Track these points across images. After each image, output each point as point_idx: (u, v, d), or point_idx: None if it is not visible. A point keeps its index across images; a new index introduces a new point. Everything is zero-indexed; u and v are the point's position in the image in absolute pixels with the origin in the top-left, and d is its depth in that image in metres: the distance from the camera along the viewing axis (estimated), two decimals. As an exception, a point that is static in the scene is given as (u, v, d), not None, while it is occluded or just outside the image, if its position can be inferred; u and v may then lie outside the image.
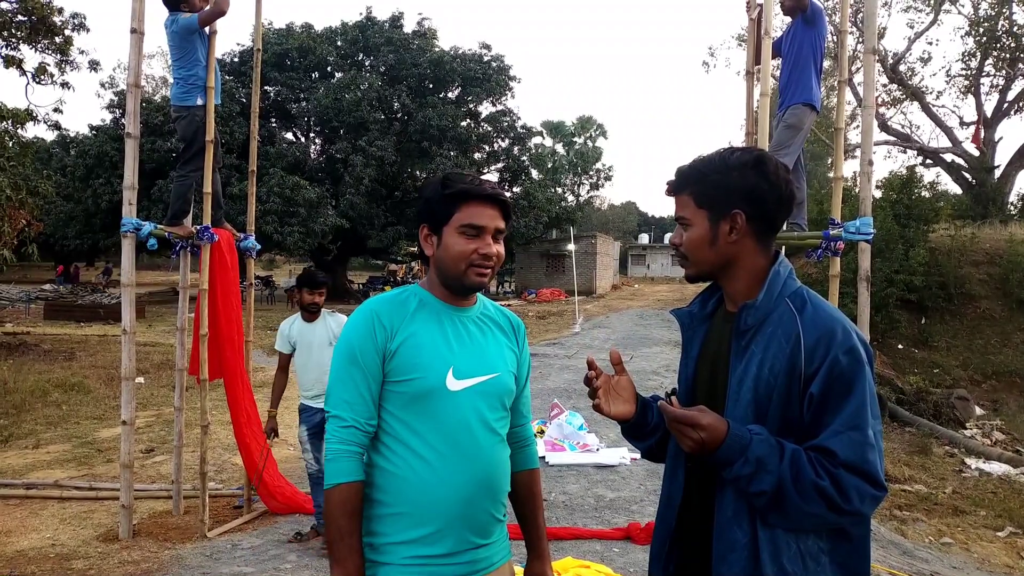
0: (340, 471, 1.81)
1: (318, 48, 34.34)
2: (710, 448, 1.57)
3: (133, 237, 5.09)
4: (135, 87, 5.13)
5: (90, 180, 29.33)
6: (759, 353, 1.65)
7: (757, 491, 1.55)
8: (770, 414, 1.62)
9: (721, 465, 1.58)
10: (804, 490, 1.52)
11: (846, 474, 1.52)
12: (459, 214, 1.89)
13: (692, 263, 1.80)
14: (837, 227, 4.66)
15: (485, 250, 1.89)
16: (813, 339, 1.60)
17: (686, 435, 1.59)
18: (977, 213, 25.07)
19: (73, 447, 7.82)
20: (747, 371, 1.66)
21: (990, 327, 17.46)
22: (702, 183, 1.75)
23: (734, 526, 1.62)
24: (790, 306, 1.69)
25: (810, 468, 1.52)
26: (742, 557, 1.60)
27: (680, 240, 1.81)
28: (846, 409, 1.55)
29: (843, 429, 1.54)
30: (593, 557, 4.84)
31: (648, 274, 70.03)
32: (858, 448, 1.53)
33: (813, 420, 1.58)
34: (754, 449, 1.54)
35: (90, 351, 15.16)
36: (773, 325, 1.67)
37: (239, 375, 5.71)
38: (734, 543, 1.61)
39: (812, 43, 5.35)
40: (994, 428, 12.40)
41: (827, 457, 1.53)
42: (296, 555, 4.93)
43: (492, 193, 1.91)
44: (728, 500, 1.64)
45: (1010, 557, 6.36)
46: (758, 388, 1.63)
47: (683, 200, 1.80)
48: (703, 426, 1.57)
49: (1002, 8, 26.63)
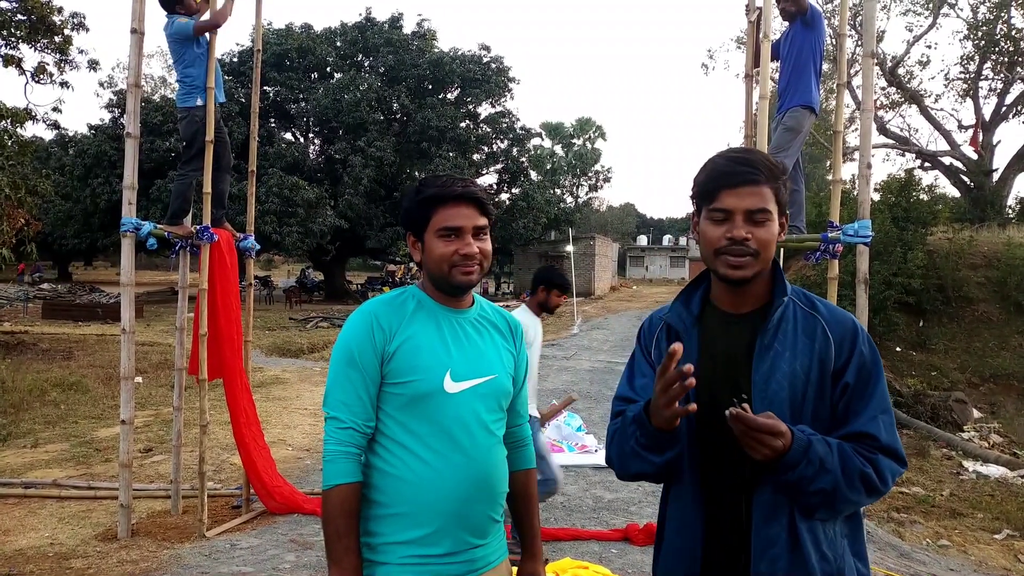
0: (338, 472, 1.83)
1: (317, 48, 34.33)
2: (781, 453, 1.54)
3: (133, 236, 5.09)
4: (135, 87, 5.13)
5: (89, 179, 29.28)
6: (785, 350, 1.67)
7: (817, 490, 1.57)
8: (804, 410, 1.65)
9: (786, 469, 1.56)
10: (851, 480, 1.57)
11: (883, 457, 1.60)
12: (435, 218, 1.90)
13: (761, 261, 1.68)
14: (836, 230, 4.66)
15: (465, 250, 1.89)
16: (839, 333, 1.68)
17: (766, 444, 1.52)
18: (975, 216, 25.08)
19: (71, 446, 7.81)
20: (775, 368, 1.66)
21: (988, 330, 17.46)
22: (780, 181, 1.71)
23: (772, 522, 1.63)
24: (799, 304, 1.74)
25: (855, 458, 1.58)
26: (784, 551, 1.61)
27: (751, 235, 1.66)
28: (876, 394, 1.65)
29: (877, 413, 1.63)
30: (591, 558, 4.84)
31: (646, 276, 70.18)
32: (891, 429, 1.63)
33: (845, 408, 1.65)
34: (815, 450, 1.56)
35: (88, 350, 15.14)
36: (791, 322, 1.71)
37: (238, 375, 5.71)
38: (774, 539, 1.62)
39: (811, 46, 5.36)
40: (992, 431, 12.41)
41: (868, 442, 1.60)
42: (294, 555, 4.93)
43: (464, 192, 1.91)
44: (766, 497, 1.64)
45: (1007, 560, 6.37)
46: (794, 385, 1.65)
47: (765, 193, 1.68)
48: (783, 432, 1.53)
49: (1000, 12, 26.65)
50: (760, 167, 1.68)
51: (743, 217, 1.66)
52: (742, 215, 1.66)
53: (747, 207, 1.66)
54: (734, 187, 1.67)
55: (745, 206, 1.66)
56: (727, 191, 1.67)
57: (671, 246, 74.37)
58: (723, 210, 1.68)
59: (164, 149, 27.62)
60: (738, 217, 1.66)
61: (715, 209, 1.69)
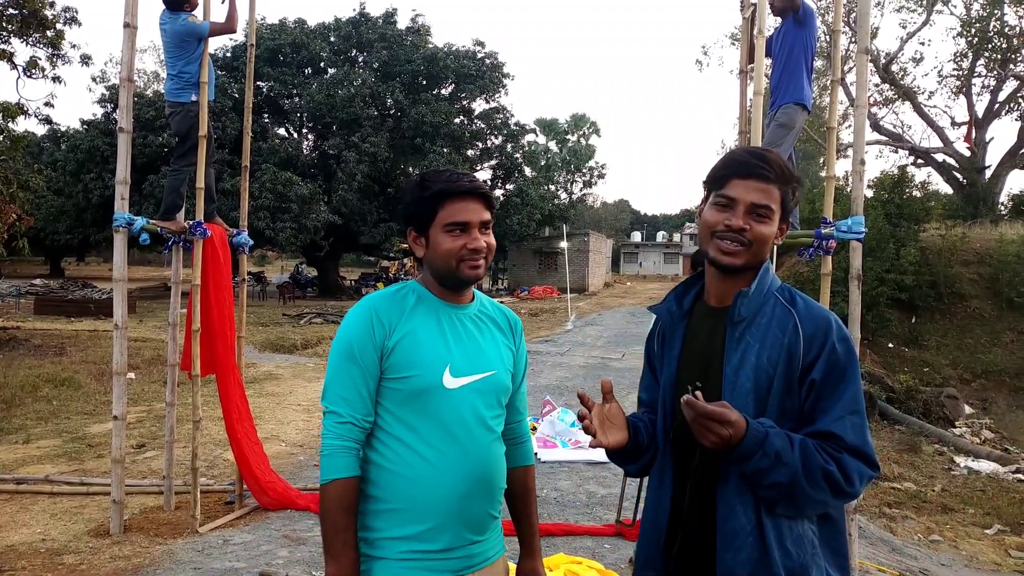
0: (336, 467, 1.82)
1: (311, 44, 34.21)
2: (733, 443, 1.56)
3: (125, 232, 5.07)
4: (128, 82, 5.11)
5: (81, 175, 29.18)
6: (756, 343, 1.69)
7: (772, 483, 1.57)
8: (769, 403, 1.66)
9: (739, 460, 1.58)
10: (813, 477, 1.57)
11: (849, 458, 1.59)
12: (442, 213, 1.88)
13: (752, 254, 1.73)
14: (829, 226, 4.67)
15: (473, 244, 1.88)
16: (811, 328, 1.68)
17: (713, 431, 1.55)
18: (968, 213, 25.18)
19: (64, 442, 7.79)
20: (744, 360, 1.69)
21: (980, 326, 17.56)
22: (789, 186, 1.74)
23: (738, 514, 1.64)
24: (780, 299, 1.75)
25: (818, 455, 1.58)
26: (747, 543, 1.62)
27: (749, 226, 1.71)
28: (845, 394, 1.63)
29: (844, 414, 1.62)
30: (585, 553, 4.85)
31: (640, 272, 70.25)
32: (859, 431, 1.62)
33: (813, 406, 1.64)
34: (772, 442, 1.56)
35: (80, 346, 15.10)
36: (767, 316, 1.72)
37: (231, 371, 5.70)
38: (738, 531, 1.63)
39: (803, 43, 5.37)
40: (983, 427, 12.48)
41: (832, 442, 1.60)
42: (288, 551, 4.92)
43: (471, 187, 1.90)
44: (731, 490, 1.65)
45: (997, 555, 6.41)
46: (758, 377, 1.67)
47: (772, 192, 1.72)
48: (732, 421, 1.55)
49: (993, 9, 26.73)
50: (773, 166, 1.73)
51: (746, 208, 1.71)
52: (745, 206, 1.71)
53: (752, 200, 1.70)
54: (744, 177, 1.72)
55: (750, 198, 1.70)
56: (737, 180, 1.72)
57: (665, 242, 74.45)
58: (728, 197, 1.72)
59: (157, 144, 27.53)
60: (740, 207, 1.71)
61: (721, 195, 1.74)
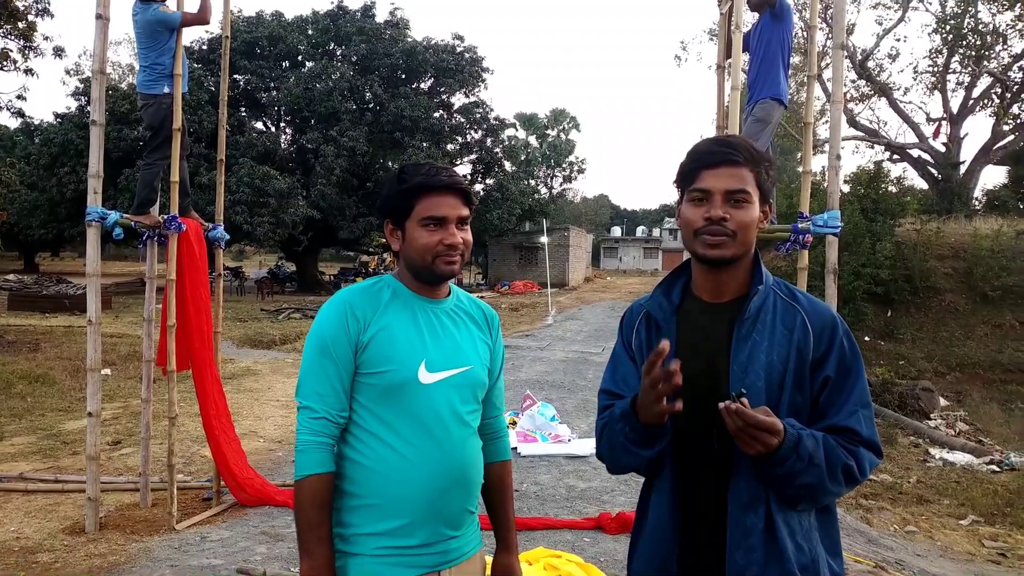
0: (311, 462, 1.81)
1: (288, 37, 33.91)
2: (774, 450, 1.53)
3: (98, 226, 5.00)
4: (100, 74, 5.04)
5: (55, 169, 28.71)
6: (764, 340, 1.67)
7: (803, 484, 1.57)
8: (782, 400, 1.64)
9: (775, 464, 1.55)
10: (835, 473, 1.58)
11: (864, 450, 1.61)
12: (419, 207, 1.86)
13: (740, 243, 1.67)
14: (805, 220, 4.71)
15: (449, 240, 1.86)
16: (819, 327, 1.67)
17: (760, 440, 1.50)
18: (942, 208, 25.44)
19: (38, 439, 7.70)
20: (753, 358, 1.66)
21: (954, 320, 17.78)
22: (762, 167, 1.70)
23: (749, 513, 1.63)
24: (780, 295, 1.73)
25: (839, 451, 1.59)
26: (759, 541, 1.61)
27: (729, 215, 1.66)
28: (856, 389, 1.65)
29: (857, 408, 1.64)
30: (565, 547, 4.86)
31: (620, 267, 70.41)
32: (871, 424, 1.64)
33: (827, 401, 1.65)
34: (805, 445, 1.55)
35: (55, 342, 14.89)
36: (769, 313, 1.70)
37: (208, 366, 5.65)
38: (751, 529, 1.62)
39: (780, 38, 5.39)
40: (957, 419, 12.64)
41: (850, 436, 1.61)
42: (266, 547, 4.90)
43: (449, 182, 1.88)
44: (743, 487, 1.64)
45: (972, 545, 6.49)
46: (770, 375, 1.64)
47: (745, 175, 1.67)
48: (780, 431, 1.51)
49: (968, 6, 27.01)
50: (740, 149, 1.69)
51: (722, 197, 1.66)
52: (721, 195, 1.66)
53: (726, 187, 1.66)
54: (713, 167, 1.68)
55: (724, 186, 1.66)
56: (707, 171, 1.68)
57: (645, 237, 74.67)
58: (702, 190, 1.68)
59: (132, 138, 27.14)
60: (717, 197, 1.66)
61: (695, 190, 1.70)
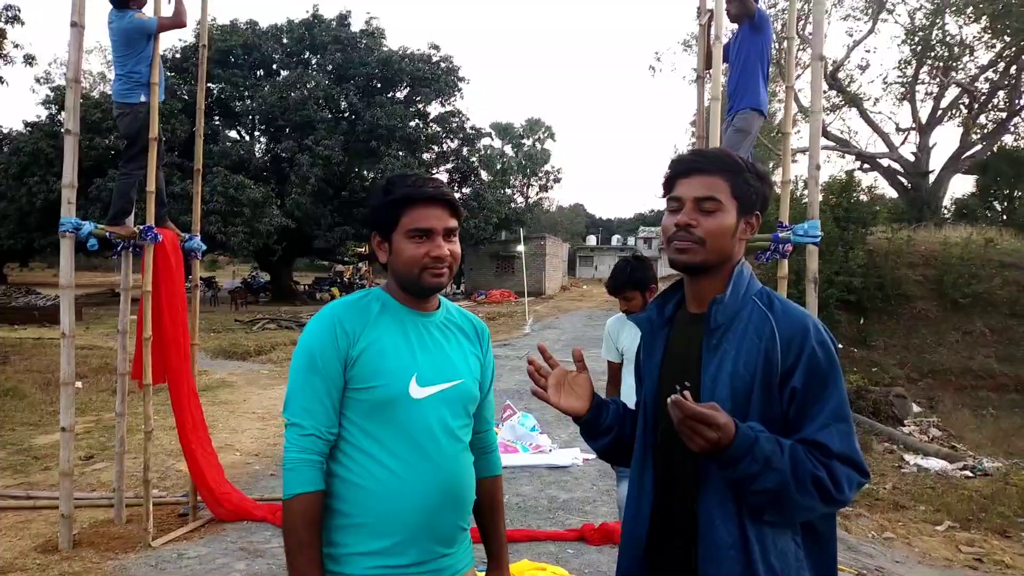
0: (300, 480, 1.77)
1: (263, 45, 33.81)
2: (722, 447, 1.51)
3: (72, 237, 4.90)
4: (75, 82, 4.96)
5: (24, 178, 28.26)
6: (732, 350, 1.66)
7: (761, 489, 1.53)
8: (750, 411, 1.61)
9: (727, 464, 1.53)
10: (802, 483, 1.53)
11: (838, 464, 1.55)
12: (405, 218, 1.84)
13: (709, 250, 1.69)
14: (786, 230, 4.73)
15: (436, 252, 1.84)
16: (788, 333, 1.64)
17: (700, 434, 1.49)
18: (912, 216, 25.81)
19: (8, 455, 7.53)
20: (721, 368, 1.65)
21: (926, 327, 17.99)
22: (739, 176, 1.72)
23: (719, 526, 1.60)
24: (758, 304, 1.71)
25: (808, 461, 1.54)
26: (729, 557, 1.58)
27: (697, 222, 1.68)
28: (830, 401, 1.60)
29: (831, 421, 1.58)
30: (548, 559, 4.84)
31: (596, 275, 70.59)
32: (847, 439, 1.58)
33: (797, 413, 1.61)
34: (761, 447, 1.52)
35: (25, 354, 14.61)
36: (744, 322, 1.69)
37: (184, 379, 5.56)
38: (720, 543, 1.59)
39: (759, 49, 5.44)
40: (931, 425, 12.77)
41: (820, 450, 1.56)
42: (244, 563, 4.82)
43: (436, 193, 1.85)
44: (712, 501, 1.62)
45: (949, 550, 6.54)
46: (735, 384, 1.63)
47: (716, 183, 1.70)
48: (720, 424, 1.49)
49: (936, 18, 27.50)
50: (711, 158, 1.75)
51: (692, 204, 1.70)
52: (691, 202, 1.70)
53: (695, 195, 1.70)
54: (686, 175, 1.74)
55: (693, 194, 1.70)
56: (680, 179, 1.75)
57: (620, 246, 75.06)
58: (676, 198, 1.74)
59: (104, 147, 26.85)
60: (687, 204, 1.71)
61: (671, 198, 1.76)
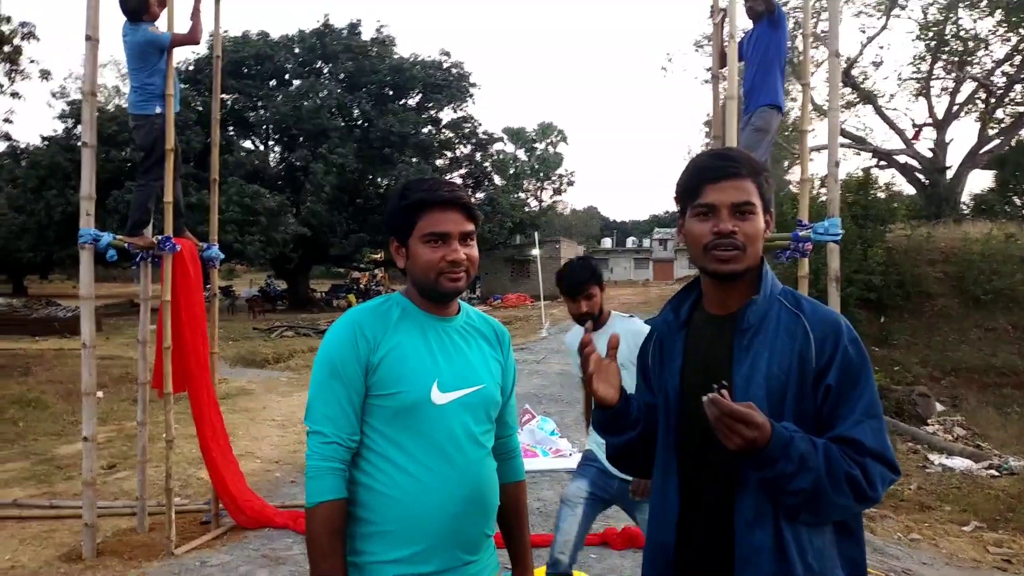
0: (323, 489, 1.75)
1: (275, 55, 34.03)
2: (759, 446, 1.49)
3: (91, 248, 4.93)
4: (91, 95, 4.99)
5: (42, 192, 28.61)
6: (765, 351, 1.64)
7: (797, 489, 1.52)
8: (784, 411, 1.60)
9: (763, 464, 1.51)
10: (837, 482, 1.52)
11: (872, 462, 1.54)
12: (421, 223, 1.83)
13: (749, 256, 1.66)
14: (806, 229, 4.68)
15: (452, 256, 1.82)
16: (821, 333, 1.63)
17: (738, 432, 1.47)
18: (931, 213, 25.58)
19: (32, 464, 7.59)
20: (755, 369, 1.63)
21: (947, 324, 17.79)
22: (762, 176, 1.69)
23: (756, 529, 1.58)
24: (785, 304, 1.70)
25: (842, 460, 1.53)
26: (768, 559, 1.57)
27: (737, 228, 1.64)
28: (863, 398, 1.59)
29: (864, 418, 1.58)
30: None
31: (611, 278, 70.43)
32: (879, 436, 1.57)
33: (830, 411, 1.60)
34: (796, 446, 1.50)
35: (46, 366, 14.75)
36: (773, 322, 1.67)
37: (204, 387, 5.57)
38: (759, 546, 1.58)
39: (777, 46, 5.40)
40: (955, 424, 12.62)
41: (854, 447, 1.55)
42: (267, 571, 4.82)
43: (451, 197, 1.84)
44: (749, 502, 1.60)
45: (976, 551, 6.45)
46: (770, 385, 1.61)
47: (748, 187, 1.66)
48: (759, 424, 1.48)
49: (949, 13, 27.28)
50: (741, 161, 1.69)
51: (728, 211, 1.65)
52: (727, 209, 1.65)
53: (732, 200, 1.65)
54: (716, 181, 1.66)
55: (730, 200, 1.65)
56: (710, 186, 1.66)
57: (635, 248, 74.92)
58: (708, 205, 1.66)
59: (120, 159, 27.13)
60: (723, 211, 1.65)
61: (700, 205, 1.68)
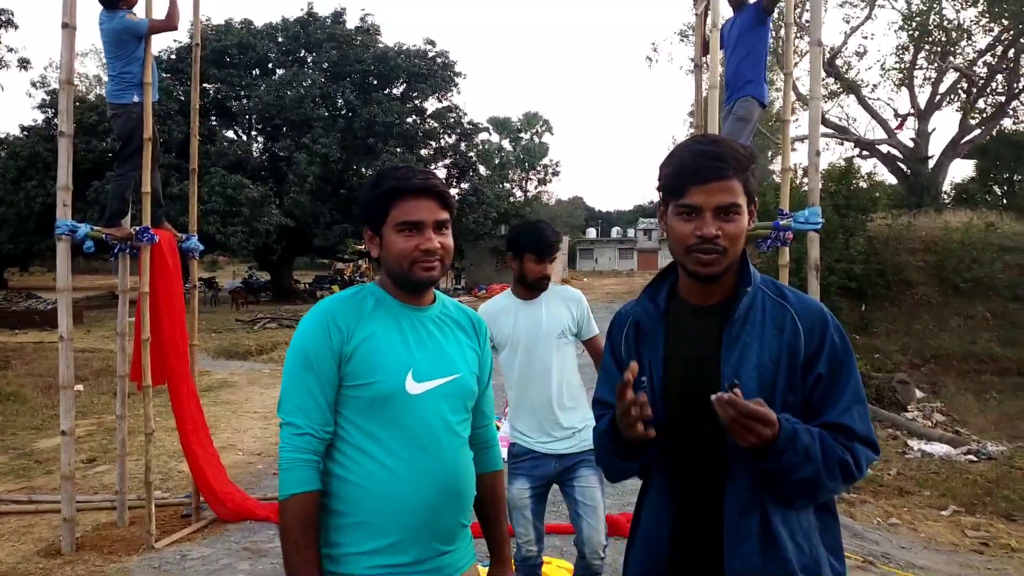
0: (296, 480, 1.74)
1: (258, 44, 33.71)
2: (770, 442, 1.49)
3: (69, 240, 4.88)
4: (68, 84, 4.92)
5: (22, 182, 28.30)
6: (753, 342, 1.64)
7: (800, 479, 1.54)
8: (775, 400, 1.60)
9: (770, 458, 1.52)
10: (831, 468, 1.55)
11: (860, 446, 1.58)
12: (394, 212, 1.81)
13: (730, 256, 1.63)
14: (786, 217, 4.70)
15: (426, 245, 1.80)
16: (808, 322, 1.65)
17: (755, 431, 1.46)
18: (912, 202, 25.78)
19: (10, 459, 7.52)
20: (744, 360, 1.63)
21: (927, 312, 17.98)
22: (748, 171, 1.64)
23: (745, 517, 1.60)
24: (767, 293, 1.70)
25: (836, 447, 1.56)
26: (756, 545, 1.59)
27: (720, 231, 1.60)
28: (849, 385, 1.62)
29: (851, 404, 1.61)
30: (553, 552, 4.81)
31: (596, 268, 70.63)
32: (865, 420, 1.61)
33: (820, 399, 1.62)
34: (801, 439, 1.52)
35: (26, 359, 14.62)
36: (759, 313, 1.67)
37: (184, 380, 5.54)
38: (747, 534, 1.59)
39: (760, 36, 5.40)
40: (934, 410, 12.75)
41: (844, 433, 1.58)
42: (248, 564, 4.81)
43: (424, 185, 1.81)
44: (739, 492, 1.61)
45: (954, 535, 6.52)
46: (762, 375, 1.62)
47: (734, 187, 1.61)
48: (774, 421, 1.48)
49: (933, 3, 27.43)
50: (729, 160, 1.61)
51: (712, 214, 1.60)
52: (711, 211, 1.60)
53: (716, 203, 1.60)
54: (703, 183, 1.60)
55: (714, 202, 1.59)
56: (695, 187, 1.61)
57: (619, 238, 75.01)
58: (691, 206, 1.61)
59: (101, 149, 26.85)
60: (707, 214, 1.60)
61: (683, 205, 1.63)
